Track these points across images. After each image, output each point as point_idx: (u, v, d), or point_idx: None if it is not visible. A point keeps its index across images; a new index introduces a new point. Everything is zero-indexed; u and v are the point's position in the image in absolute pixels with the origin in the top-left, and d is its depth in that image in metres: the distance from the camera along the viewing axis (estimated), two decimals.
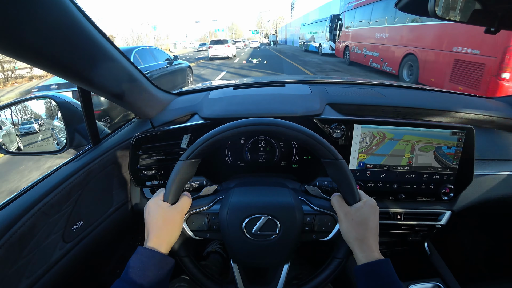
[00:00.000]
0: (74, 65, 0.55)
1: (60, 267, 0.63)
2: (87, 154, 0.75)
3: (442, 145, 0.76)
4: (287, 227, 0.54)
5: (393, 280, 0.44)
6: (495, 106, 0.98)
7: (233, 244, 0.55)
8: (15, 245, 0.54)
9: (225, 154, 0.87)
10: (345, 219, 0.51)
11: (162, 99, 0.95)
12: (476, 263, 1.20)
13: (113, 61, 0.66)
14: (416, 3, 0.59)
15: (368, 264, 0.46)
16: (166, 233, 0.50)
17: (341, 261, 0.55)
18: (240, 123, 0.52)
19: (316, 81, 1.16)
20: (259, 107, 0.87)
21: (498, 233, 1.19)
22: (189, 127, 0.83)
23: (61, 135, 0.86)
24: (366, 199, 0.53)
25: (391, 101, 0.92)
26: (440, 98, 1.01)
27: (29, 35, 0.43)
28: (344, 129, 0.78)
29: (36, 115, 0.88)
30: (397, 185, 0.79)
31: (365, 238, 0.49)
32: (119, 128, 0.90)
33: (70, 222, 0.66)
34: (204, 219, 0.56)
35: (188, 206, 0.55)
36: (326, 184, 0.72)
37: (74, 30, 0.51)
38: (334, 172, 0.53)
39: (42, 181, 0.65)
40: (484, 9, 0.54)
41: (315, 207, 0.57)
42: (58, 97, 0.81)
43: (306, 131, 0.52)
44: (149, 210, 0.52)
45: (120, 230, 0.86)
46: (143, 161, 0.82)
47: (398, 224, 0.84)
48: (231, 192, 0.59)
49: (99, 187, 0.76)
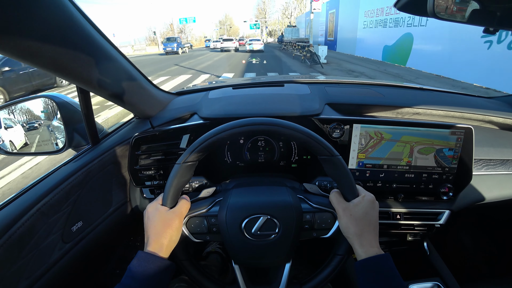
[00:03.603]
0: (73, 65, 0.55)
1: (59, 268, 0.63)
2: (86, 154, 0.75)
3: (443, 146, 0.75)
4: (287, 226, 0.54)
5: (393, 274, 0.44)
6: (494, 105, 0.98)
7: (234, 245, 0.55)
8: (14, 246, 0.54)
9: (225, 154, 0.87)
10: (343, 215, 0.51)
11: (161, 99, 0.95)
12: (475, 263, 1.20)
13: (112, 61, 0.66)
14: (415, 3, 0.59)
15: (368, 259, 0.46)
16: (165, 237, 0.50)
17: (343, 257, 0.55)
18: (236, 124, 0.52)
19: (315, 81, 1.16)
20: (259, 107, 0.87)
21: (497, 232, 1.19)
22: (188, 127, 0.83)
23: (60, 135, 0.85)
24: (364, 194, 0.53)
25: (390, 101, 0.92)
26: (439, 98, 1.01)
27: (28, 35, 0.43)
28: (343, 129, 0.78)
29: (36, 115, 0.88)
30: (397, 185, 0.79)
31: (364, 233, 0.49)
32: (119, 128, 0.90)
33: (69, 223, 0.66)
34: (204, 221, 0.56)
35: (187, 209, 0.54)
36: (325, 183, 0.72)
37: (73, 30, 0.51)
38: (331, 168, 0.53)
39: (41, 181, 0.65)
40: (483, 9, 0.54)
41: (314, 205, 0.57)
42: (57, 97, 0.81)
43: (301, 129, 0.52)
44: (148, 215, 0.52)
45: (119, 231, 0.86)
46: (143, 161, 0.82)
47: (397, 224, 0.84)
48: (230, 193, 0.59)
49: (98, 188, 0.75)
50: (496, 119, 0.92)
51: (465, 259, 1.21)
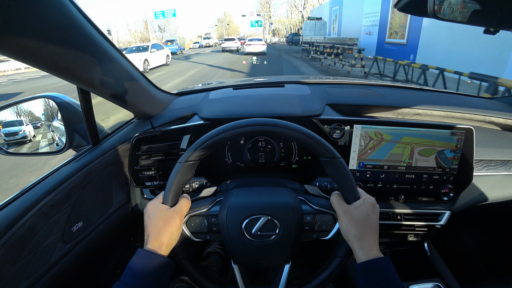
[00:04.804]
0: (74, 65, 0.55)
1: (59, 268, 0.63)
2: (86, 155, 0.75)
3: (444, 148, 0.75)
4: (287, 227, 0.54)
5: (392, 277, 0.44)
6: (495, 106, 0.98)
7: (233, 245, 0.55)
8: (14, 246, 0.54)
9: (225, 155, 0.87)
10: (344, 217, 0.51)
11: (162, 99, 0.95)
12: (476, 263, 1.20)
13: (113, 62, 0.66)
14: (416, 4, 0.59)
15: (367, 262, 0.46)
16: (165, 235, 0.50)
17: (342, 259, 0.55)
18: (236, 124, 0.52)
19: (315, 81, 1.16)
20: (259, 108, 0.87)
21: (497, 233, 1.19)
22: (189, 128, 0.83)
23: (60, 136, 0.85)
24: (365, 197, 0.53)
25: (390, 101, 0.92)
26: (439, 98, 1.01)
27: (29, 35, 0.43)
28: (344, 130, 0.78)
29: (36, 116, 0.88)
30: (397, 185, 0.79)
31: (364, 236, 0.49)
32: (119, 128, 0.90)
33: (69, 223, 0.66)
34: (204, 220, 0.56)
35: (187, 208, 0.54)
36: (326, 184, 0.72)
37: (74, 30, 0.51)
38: (332, 170, 0.53)
39: (41, 181, 0.65)
40: (483, 9, 0.54)
41: (315, 206, 0.57)
42: (57, 97, 0.81)
43: (304, 131, 0.52)
44: (148, 213, 0.52)
45: (120, 231, 0.86)
46: (143, 161, 0.82)
47: (398, 224, 0.84)
48: (231, 193, 0.59)
49: (98, 188, 0.76)
50: (497, 119, 0.92)
51: (465, 260, 1.21)
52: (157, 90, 0.94)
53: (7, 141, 0.82)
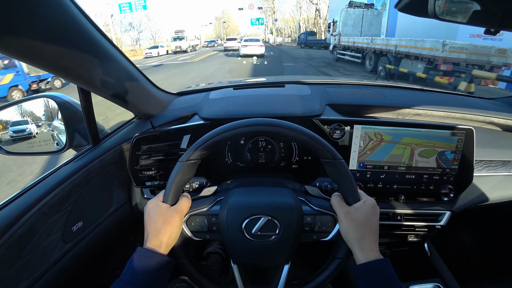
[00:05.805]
0: (74, 65, 0.55)
1: (59, 267, 0.63)
2: (87, 154, 0.75)
3: (445, 149, 0.75)
4: (287, 227, 0.54)
5: (392, 279, 0.44)
6: (495, 106, 0.98)
7: (233, 245, 0.55)
8: (14, 245, 0.54)
9: (225, 155, 0.87)
10: (344, 219, 0.51)
11: (162, 99, 0.95)
12: (476, 264, 1.20)
13: (113, 61, 0.66)
14: (416, 4, 0.59)
15: (367, 264, 0.46)
16: (165, 234, 0.50)
17: (342, 261, 0.55)
18: (239, 124, 0.52)
19: (316, 81, 1.16)
20: (259, 108, 0.87)
21: (498, 233, 1.19)
22: (189, 128, 0.83)
23: (61, 135, 0.85)
24: (366, 198, 0.53)
25: (391, 101, 0.92)
26: (440, 98, 1.01)
27: (30, 34, 0.43)
28: (344, 130, 0.78)
29: (36, 115, 0.88)
30: (397, 186, 0.79)
31: (364, 238, 0.49)
32: (119, 128, 0.90)
33: (69, 223, 0.66)
34: (204, 220, 0.56)
35: (188, 207, 0.54)
36: (326, 184, 0.72)
37: (74, 30, 0.51)
38: (333, 172, 0.53)
39: (41, 181, 0.65)
40: (484, 9, 0.54)
41: (315, 207, 0.57)
42: (58, 97, 0.81)
43: (305, 131, 0.52)
44: (148, 211, 0.52)
45: (119, 231, 0.86)
46: (143, 161, 0.82)
47: (398, 225, 0.83)
48: (231, 193, 0.59)
49: (99, 188, 0.76)
50: (497, 120, 0.92)
51: (466, 260, 1.21)
52: (158, 90, 0.94)
53: (15, 137, 0.87)
